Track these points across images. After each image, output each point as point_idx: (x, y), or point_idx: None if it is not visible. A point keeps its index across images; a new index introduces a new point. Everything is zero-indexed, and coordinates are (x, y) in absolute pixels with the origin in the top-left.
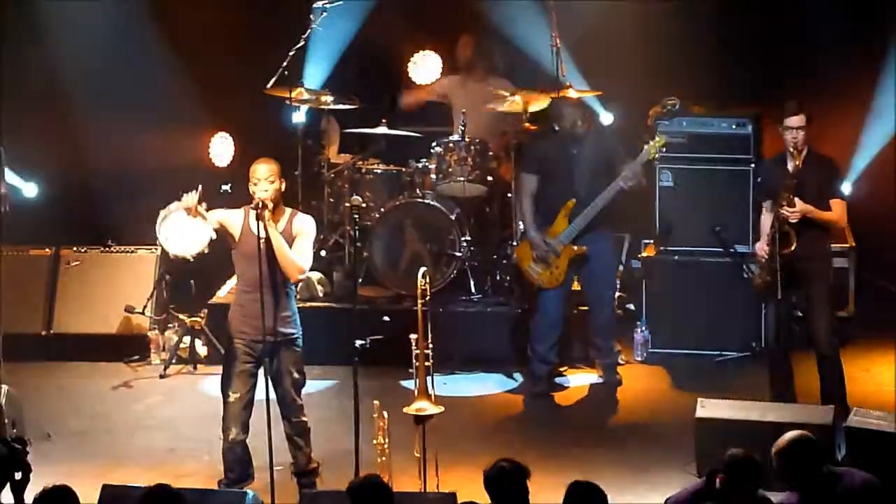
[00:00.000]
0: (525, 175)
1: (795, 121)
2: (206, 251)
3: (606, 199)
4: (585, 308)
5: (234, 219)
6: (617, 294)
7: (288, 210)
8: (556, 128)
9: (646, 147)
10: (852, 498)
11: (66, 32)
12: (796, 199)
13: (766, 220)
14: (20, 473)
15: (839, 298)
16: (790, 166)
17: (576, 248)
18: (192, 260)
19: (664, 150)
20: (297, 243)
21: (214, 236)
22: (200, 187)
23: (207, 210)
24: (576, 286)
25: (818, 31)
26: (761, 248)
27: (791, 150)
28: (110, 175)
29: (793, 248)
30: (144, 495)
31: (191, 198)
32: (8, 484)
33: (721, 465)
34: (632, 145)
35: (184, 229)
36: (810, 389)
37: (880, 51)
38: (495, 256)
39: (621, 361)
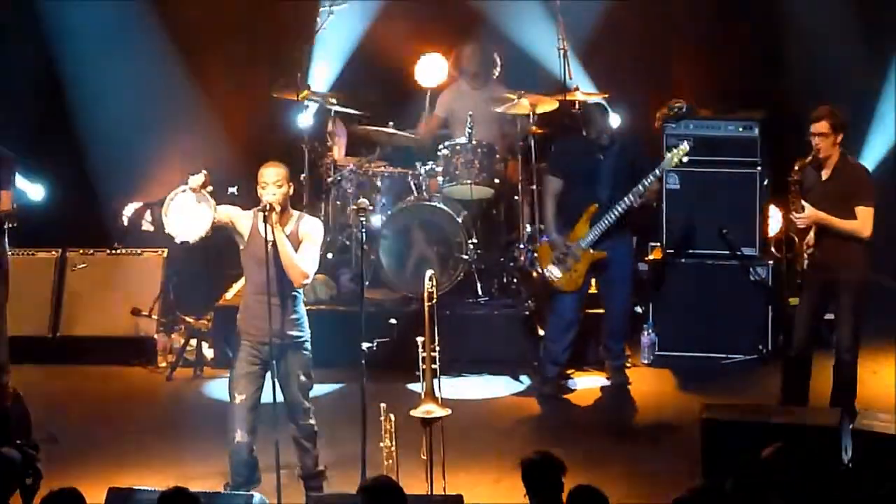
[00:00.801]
0: (549, 177)
1: (816, 127)
2: (209, 234)
3: (622, 210)
4: (596, 311)
5: (243, 219)
6: None
7: (296, 213)
8: (585, 133)
9: (668, 155)
10: None
11: (70, 34)
12: (806, 205)
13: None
14: (31, 479)
15: None
16: (824, 172)
17: (594, 252)
18: (192, 243)
19: (686, 158)
20: (303, 247)
21: (216, 217)
22: (205, 171)
23: (219, 205)
24: (591, 289)
25: (823, 34)
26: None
27: (816, 156)
28: (116, 177)
29: (794, 253)
30: (160, 498)
31: (196, 179)
32: (18, 488)
33: (732, 469)
34: (647, 150)
35: (188, 213)
36: (817, 392)
37: (884, 55)
38: (502, 259)
39: (628, 364)
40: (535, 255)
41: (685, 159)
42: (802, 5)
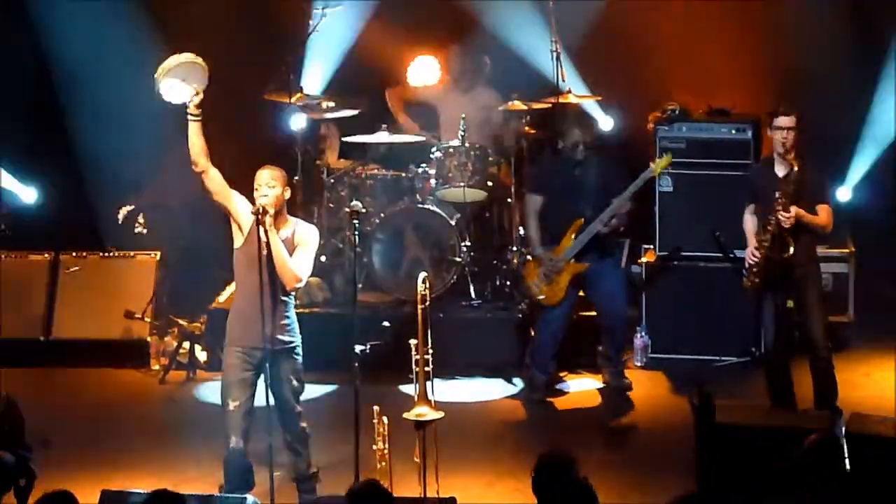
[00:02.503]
0: (530, 195)
1: (786, 121)
2: (199, 93)
3: (603, 222)
4: (588, 314)
5: (245, 213)
6: None
7: (292, 219)
8: (560, 145)
9: (651, 165)
10: None
11: (64, 37)
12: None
13: (751, 222)
14: (24, 480)
15: (839, 303)
16: (779, 169)
17: (576, 264)
18: (186, 103)
19: (669, 168)
20: (298, 253)
21: (217, 191)
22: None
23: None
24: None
25: (818, 34)
26: (752, 252)
27: (780, 150)
28: (109, 180)
29: (791, 252)
30: (147, 500)
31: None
32: (12, 490)
33: (724, 473)
34: (634, 154)
35: (180, 77)
36: (807, 395)
37: (880, 55)
38: (495, 262)
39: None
40: (524, 269)
41: (668, 168)
42: (796, 7)
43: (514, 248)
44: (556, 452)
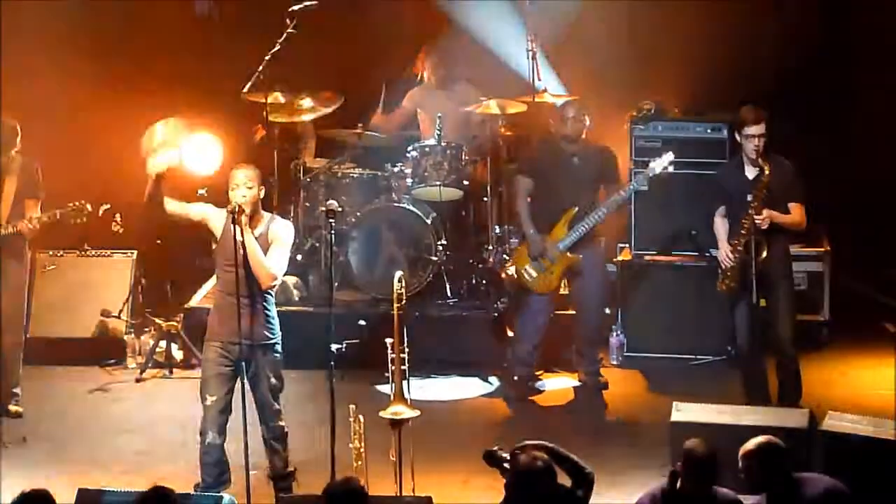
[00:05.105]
0: (519, 177)
1: (757, 129)
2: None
3: (601, 216)
4: (564, 312)
5: (217, 218)
6: None
7: (267, 215)
8: (562, 134)
9: (651, 165)
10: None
11: (41, 33)
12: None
13: (721, 225)
14: None
15: (814, 302)
16: (749, 171)
17: (570, 255)
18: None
19: (670, 167)
20: (272, 250)
21: (189, 213)
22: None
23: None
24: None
25: (794, 33)
26: (726, 256)
27: (753, 157)
28: (86, 177)
29: (765, 256)
30: (140, 498)
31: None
32: None
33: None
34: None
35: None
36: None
37: (856, 52)
38: (471, 260)
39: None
40: (513, 254)
41: (670, 168)
42: (772, 5)
43: (490, 247)
44: (532, 462)
